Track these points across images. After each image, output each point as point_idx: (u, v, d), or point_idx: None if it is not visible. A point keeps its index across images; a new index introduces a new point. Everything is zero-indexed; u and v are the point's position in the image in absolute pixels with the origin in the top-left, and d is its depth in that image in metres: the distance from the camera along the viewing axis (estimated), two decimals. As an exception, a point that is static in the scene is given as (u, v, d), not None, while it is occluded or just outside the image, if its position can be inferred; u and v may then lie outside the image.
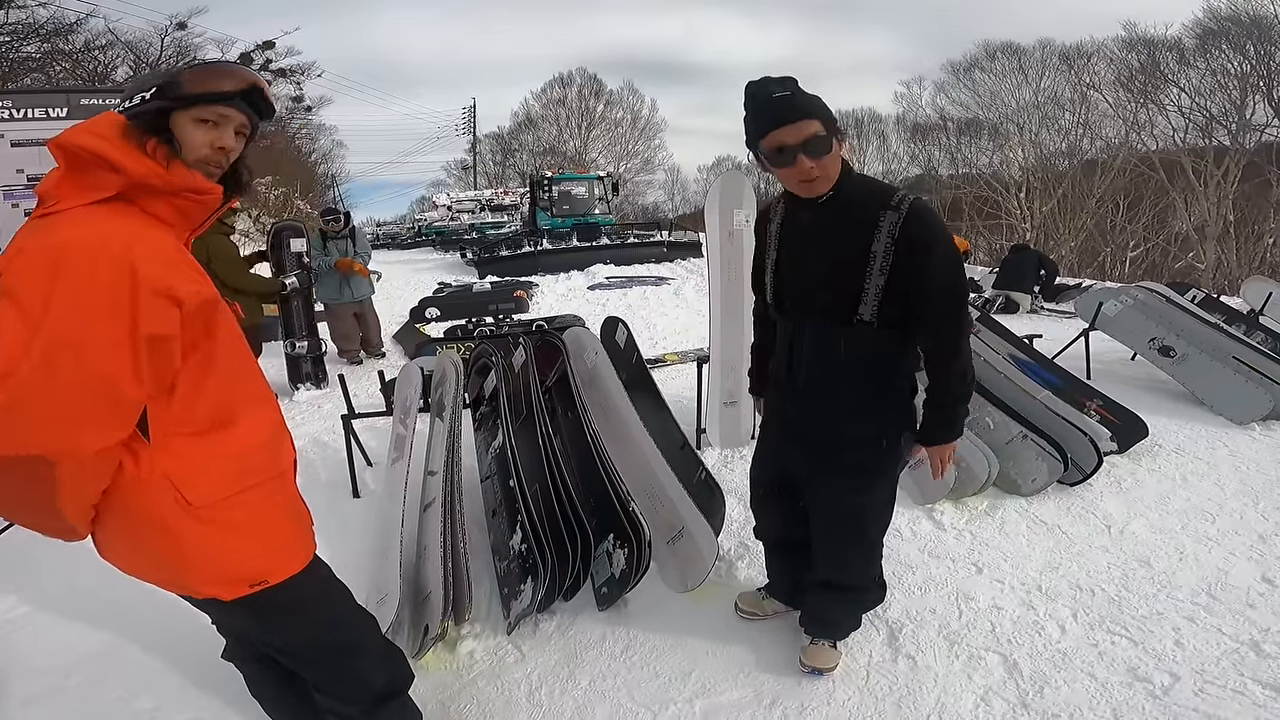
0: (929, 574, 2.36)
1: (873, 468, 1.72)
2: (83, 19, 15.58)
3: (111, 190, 1.01)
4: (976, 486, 2.86)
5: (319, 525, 2.96)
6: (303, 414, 4.52)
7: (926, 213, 1.52)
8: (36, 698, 1.91)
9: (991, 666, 1.90)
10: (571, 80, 33.92)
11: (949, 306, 1.56)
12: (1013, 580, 2.31)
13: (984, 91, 24.11)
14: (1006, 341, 4.14)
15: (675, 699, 1.83)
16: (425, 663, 1.96)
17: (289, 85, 20.74)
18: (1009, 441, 3.07)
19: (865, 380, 1.65)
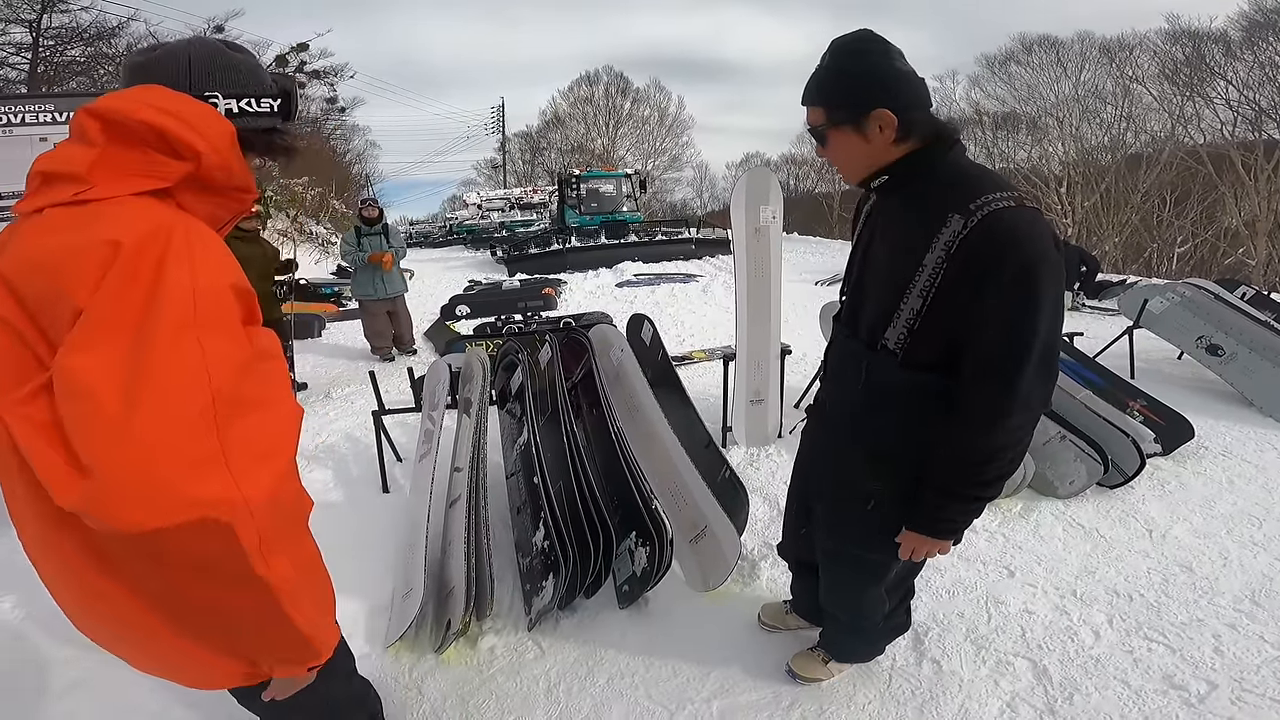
0: (958, 577, 2.31)
1: (871, 539, 1.42)
2: (124, 22, 16.06)
3: (169, 180, 0.82)
4: (1011, 488, 2.79)
5: (349, 519, 3.03)
6: (336, 410, 4.61)
7: (1012, 224, 1.10)
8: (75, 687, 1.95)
9: (1020, 672, 1.86)
10: (598, 78, 33.97)
11: (1001, 360, 1.13)
12: (1046, 584, 2.25)
13: (1020, 85, 23.50)
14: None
15: (693, 699, 1.82)
16: (446, 657, 1.99)
17: (323, 87, 21.16)
18: (1046, 442, 2.99)
19: (873, 424, 1.32)
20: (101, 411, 0.66)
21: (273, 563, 0.76)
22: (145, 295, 0.71)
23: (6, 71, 14.03)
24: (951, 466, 1.23)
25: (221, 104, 0.88)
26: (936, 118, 1.24)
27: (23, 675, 1.95)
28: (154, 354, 0.69)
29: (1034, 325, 1.10)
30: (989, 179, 1.18)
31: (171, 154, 0.81)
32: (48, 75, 14.22)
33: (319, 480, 3.39)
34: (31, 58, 14.60)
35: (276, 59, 19.83)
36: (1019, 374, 1.12)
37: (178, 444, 0.68)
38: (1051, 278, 1.10)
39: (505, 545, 2.50)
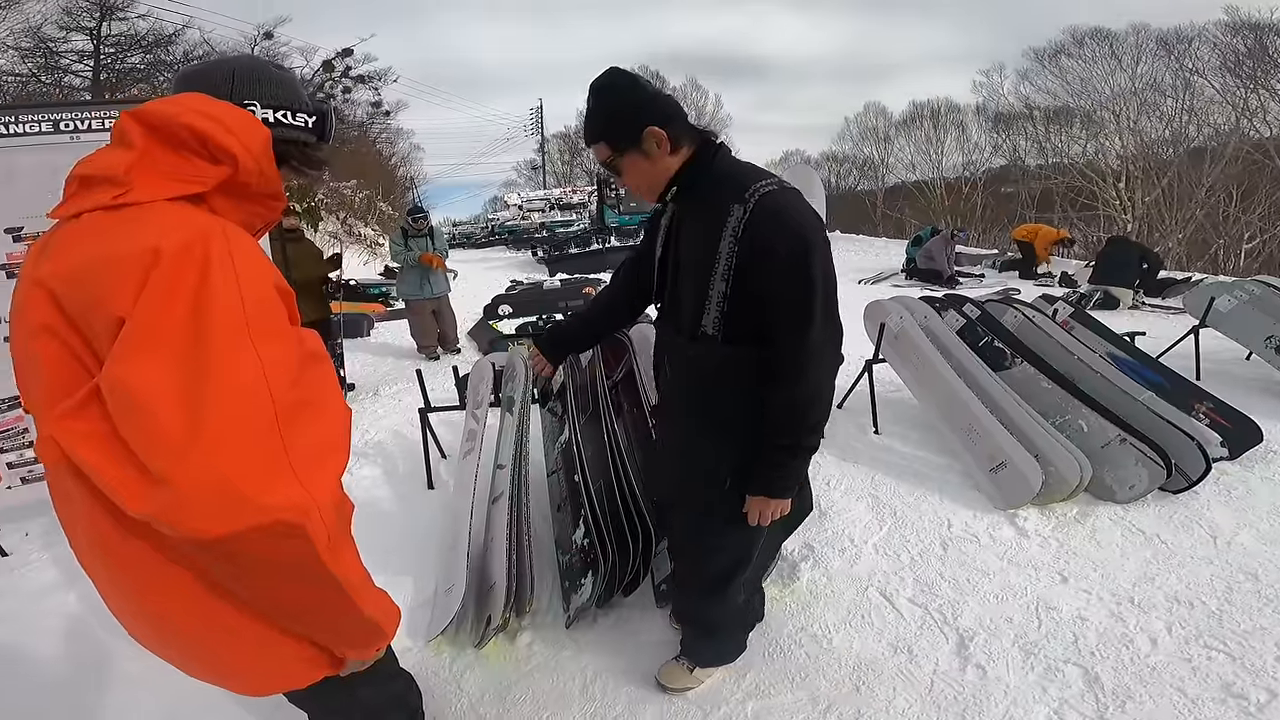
0: (1007, 581, 2.26)
1: (724, 513, 1.51)
2: (179, 30, 16.73)
3: (206, 185, 0.82)
4: (1066, 492, 2.70)
5: (395, 515, 3.10)
6: (384, 408, 4.73)
7: (776, 207, 1.28)
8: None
9: (1070, 679, 1.81)
10: None
11: (786, 333, 1.31)
12: (1101, 590, 2.18)
13: (1073, 78, 22.56)
14: (1104, 339, 3.89)
15: (728, 699, 1.82)
16: (486, 653, 2.02)
17: (368, 91, 21.68)
18: (1105, 445, 2.88)
19: (712, 406, 1.44)
20: (164, 425, 0.67)
21: (341, 557, 0.79)
22: (191, 303, 0.70)
23: (71, 79, 14.74)
24: (778, 424, 1.37)
25: (259, 112, 0.90)
26: (696, 126, 1.41)
27: (84, 668, 2.02)
28: (211, 364, 0.69)
29: (813, 279, 1.28)
30: (754, 171, 1.38)
31: (209, 159, 0.82)
32: (110, 82, 14.88)
33: (367, 476, 3.48)
34: (94, 65, 15.33)
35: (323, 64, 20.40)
36: (808, 329, 1.30)
37: (247, 453, 0.69)
38: (817, 244, 1.29)
39: (545, 542, 2.53)
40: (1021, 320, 3.84)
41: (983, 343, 3.64)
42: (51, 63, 14.70)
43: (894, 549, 2.48)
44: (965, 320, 3.83)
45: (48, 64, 14.58)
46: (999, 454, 2.86)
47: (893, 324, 3.71)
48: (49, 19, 13.96)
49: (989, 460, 2.90)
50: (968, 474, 2.98)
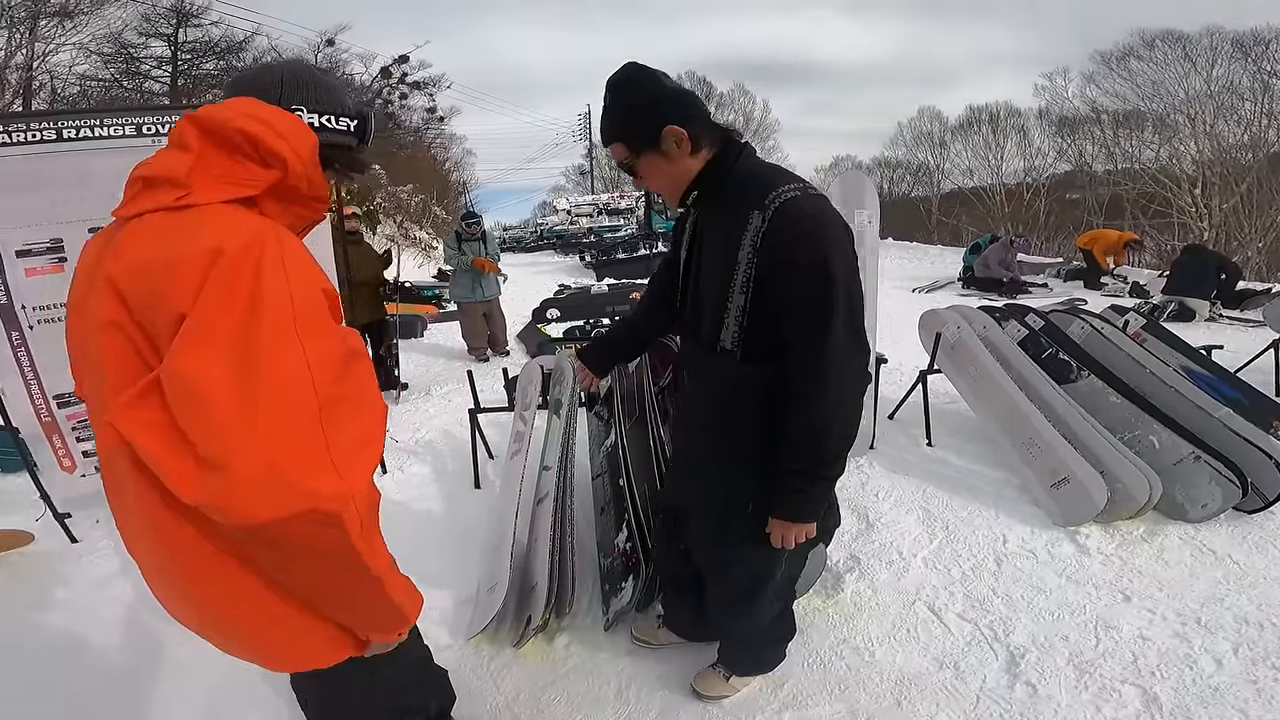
0: (1064, 599, 2.18)
1: (743, 531, 1.44)
2: (249, 37, 17.52)
3: (258, 189, 0.86)
4: (1134, 509, 2.58)
5: (443, 514, 3.16)
6: (436, 407, 4.85)
7: (801, 212, 1.21)
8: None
9: (1126, 699, 1.74)
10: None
11: (810, 332, 1.22)
12: (1166, 610, 2.09)
13: (1143, 81, 21.51)
14: (1178, 352, 3.70)
15: (763, 709, 1.80)
16: (524, 653, 2.03)
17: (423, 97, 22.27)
18: (1178, 463, 2.75)
19: (731, 423, 1.38)
20: (220, 413, 0.71)
21: (372, 545, 0.84)
22: (247, 302, 0.75)
23: (151, 84, 15.58)
24: (795, 447, 1.29)
25: (305, 117, 0.94)
26: (719, 124, 1.34)
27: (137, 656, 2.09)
28: (262, 359, 0.73)
29: (834, 291, 1.20)
30: (779, 174, 1.30)
31: (261, 162, 0.86)
32: (186, 88, 15.64)
33: (417, 474, 3.57)
34: (172, 70, 16.17)
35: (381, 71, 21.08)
36: (826, 343, 1.21)
37: (293, 443, 0.73)
38: (839, 254, 1.21)
39: (588, 544, 2.55)
40: (1089, 332, 3.68)
41: (1046, 354, 3.51)
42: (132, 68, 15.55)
43: (944, 563, 2.41)
44: (1028, 331, 3.70)
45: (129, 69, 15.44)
46: (1061, 469, 2.75)
47: (949, 334, 3.61)
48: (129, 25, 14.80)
49: (1050, 475, 2.79)
50: (1026, 489, 2.87)
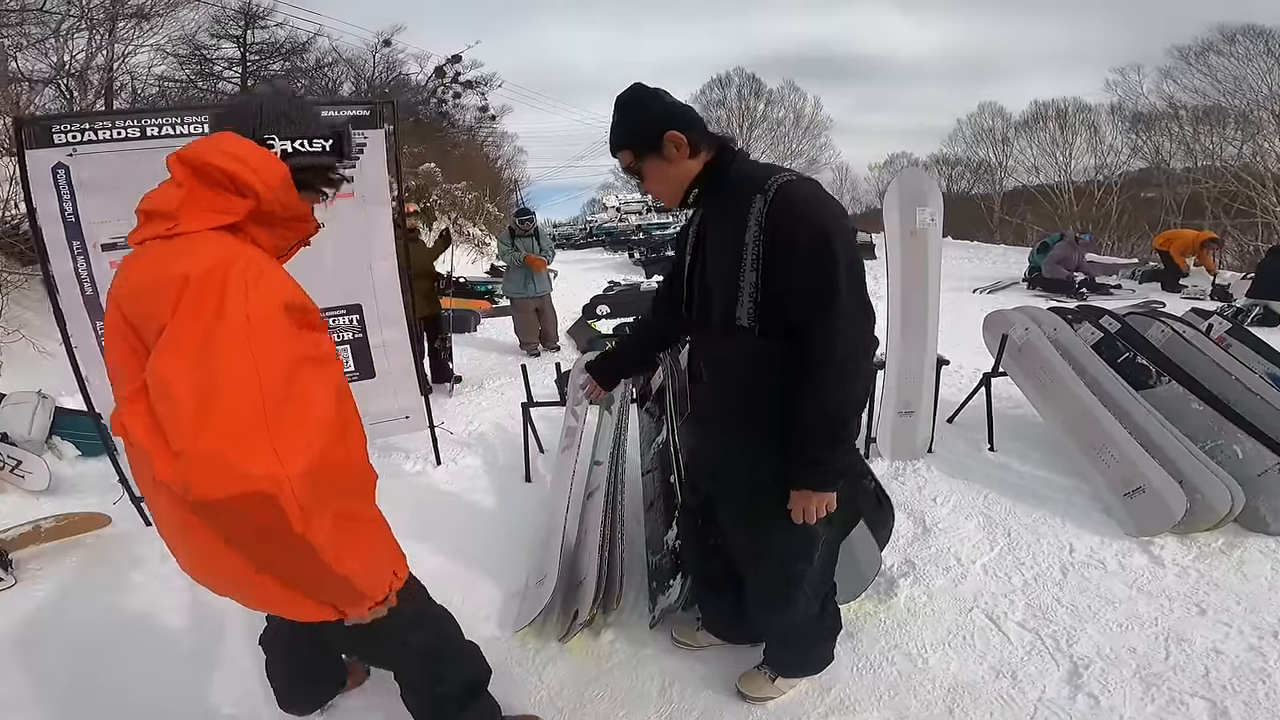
0: (1134, 611, 2.08)
1: (770, 510, 1.47)
2: (311, 38, 18.21)
3: (237, 216, 0.99)
4: (1213, 521, 2.45)
5: (494, 506, 3.20)
6: (488, 400, 4.95)
7: (796, 193, 1.31)
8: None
9: (1194, 712, 1.67)
10: (730, 81, 33.08)
11: (811, 316, 1.30)
12: (1243, 624, 1.98)
13: (1224, 77, 20.29)
14: (1264, 358, 3.47)
15: (809, 712, 1.77)
16: (569, 647, 2.04)
17: (475, 96, 22.69)
18: (1262, 474, 2.59)
19: (756, 404, 1.43)
20: (183, 408, 0.85)
21: (313, 526, 0.93)
22: (210, 317, 0.89)
23: (224, 85, 16.36)
24: (810, 418, 1.35)
25: (279, 145, 1.06)
26: (714, 132, 1.46)
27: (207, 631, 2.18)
28: (218, 365, 0.87)
29: (835, 268, 1.29)
30: (774, 167, 1.42)
31: (238, 193, 0.99)
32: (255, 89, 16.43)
33: (469, 466, 3.65)
34: (241, 71, 16.95)
35: (435, 70, 21.59)
36: (832, 315, 1.30)
37: (238, 434, 0.86)
38: (838, 230, 1.31)
39: (636, 541, 2.55)
40: (1170, 335, 3.47)
41: (1123, 359, 3.33)
42: (205, 69, 16.38)
43: (1005, 571, 2.32)
44: (1103, 334, 3.52)
45: (202, 70, 16.26)
46: (1136, 477, 2.62)
47: (1017, 335, 3.47)
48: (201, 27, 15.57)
49: (1124, 484, 2.66)
50: (1097, 497, 2.75)
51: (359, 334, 3.46)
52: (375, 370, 3.51)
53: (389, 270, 3.45)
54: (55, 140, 2.81)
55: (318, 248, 3.24)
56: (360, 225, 3.33)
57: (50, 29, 9.77)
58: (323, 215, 3.40)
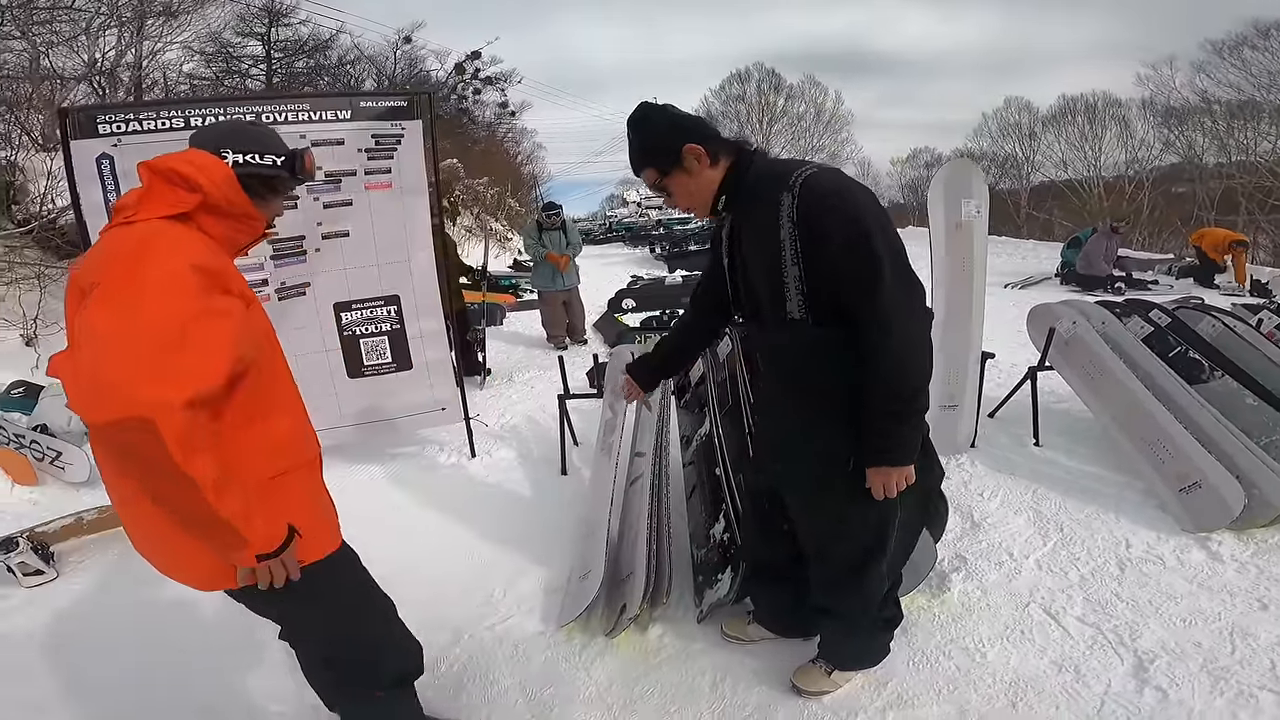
0: (1196, 606, 2.04)
1: (845, 491, 1.49)
2: (334, 35, 18.34)
3: (187, 207, 1.16)
4: (1270, 517, 2.40)
5: (531, 499, 3.19)
6: (519, 394, 4.97)
7: (820, 186, 1.34)
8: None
9: (1264, 705, 1.64)
10: (749, 76, 32.99)
11: (858, 297, 1.33)
12: None
13: (1259, 71, 19.92)
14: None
15: (866, 707, 1.74)
16: (617, 643, 2.02)
17: (495, 92, 22.73)
18: (1322, 469, 2.51)
19: (817, 389, 1.46)
20: (95, 347, 1.01)
21: (195, 460, 1.03)
22: (128, 275, 1.05)
23: (250, 82, 16.56)
24: (877, 393, 1.37)
25: (231, 156, 1.24)
26: (728, 138, 1.51)
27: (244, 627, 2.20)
28: (129, 312, 1.02)
29: (872, 247, 1.32)
30: (793, 162, 1.45)
31: (189, 189, 1.17)
32: (280, 85, 16.57)
33: (504, 458, 3.66)
34: (267, 69, 17.14)
35: (455, 67, 21.66)
36: (880, 288, 1.32)
37: (134, 367, 0.99)
38: (869, 210, 1.35)
39: (680, 535, 2.51)
40: (1221, 330, 3.38)
41: (1174, 353, 3.25)
42: (232, 66, 16.58)
43: (1060, 566, 2.28)
44: (1153, 328, 3.43)
45: (229, 68, 16.46)
46: (1192, 473, 2.56)
47: (1064, 329, 3.40)
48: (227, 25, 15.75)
49: (1178, 480, 2.59)
50: (1151, 492, 2.68)
51: (397, 325, 3.49)
52: (413, 362, 3.54)
53: (427, 261, 3.47)
54: (100, 131, 2.85)
55: (362, 241, 3.32)
56: (398, 216, 3.35)
57: (81, 27, 9.93)
58: (364, 207, 3.40)
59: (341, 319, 3.42)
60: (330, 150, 3.15)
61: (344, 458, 3.60)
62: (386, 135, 3.25)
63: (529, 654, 2.03)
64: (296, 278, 3.30)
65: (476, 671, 1.96)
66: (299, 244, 3.26)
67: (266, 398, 1.25)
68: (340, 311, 3.41)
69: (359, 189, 3.27)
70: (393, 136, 3.27)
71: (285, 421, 1.30)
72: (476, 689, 1.90)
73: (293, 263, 3.27)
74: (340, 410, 3.47)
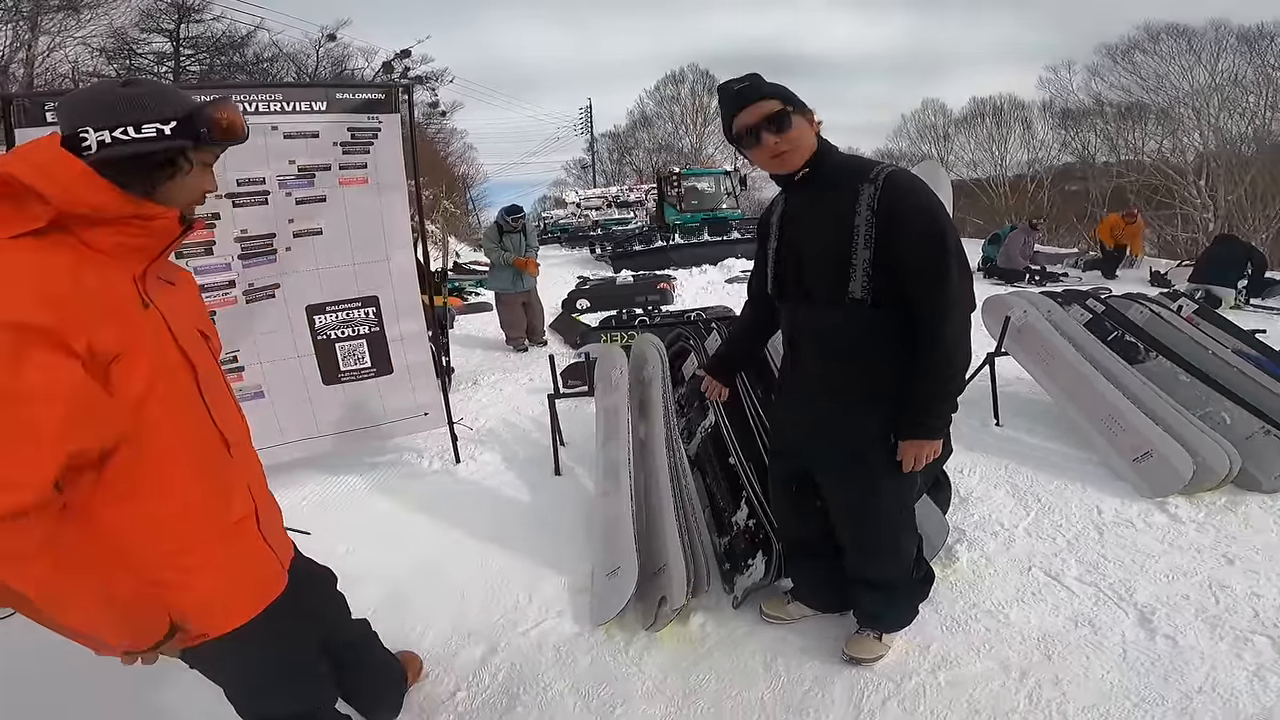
0: (1173, 563, 2.26)
1: (878, 462, 1.62)
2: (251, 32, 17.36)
3: (40, 221, 0.90)
4: (1215, 482, 2.67)
5: (530, 502, 3.13)
6: (487, 397, 4.88)
7: (903, 182, 1.47)
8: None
9: (1261, 648, 1.84)
10: (684, 77, 33.86)
11: (928, 284, 1.46)
12: (1269, 571, 2.18)
13: (1148, 74, 21.93)
14: (1231, 335, 3.78)
15: (917, 670, 1.84)
16: (660, 636, 2.03)
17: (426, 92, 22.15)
18: (1249, 437, 2.84)
19: (865, 367, 1.57)
20: None
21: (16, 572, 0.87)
22: None
23: (153, 80, 15.52)
24: (929, 374, 1.51)
25: (93, 137, 0.94)
26: None
27: None
28: None
29: (945, 242, 1.45)
30: (865, 158, 1.61)
31: (36, 198, 0.89)
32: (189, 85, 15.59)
33: (490, 462, 3.58)
34: (174, 67, 16.08)
35: (384, 65, 20.97)
36: (948, 279, 1.45)
37: None
38: (941, 208, 1.48)
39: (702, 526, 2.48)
40: (1149, 315, 3.76)
41: (1112, 337, 3.58)
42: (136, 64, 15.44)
43: (1047, 533, 2.48)
44: (1091, 314, 3.77)
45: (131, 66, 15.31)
46: (1144, 444, 2.83)
47: (1017, 318, 3.68)
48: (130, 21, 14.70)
49: (1132, 451, 2.86)
50: (1108, 464, 2.95)
51: (376, 327, 3.37)
52: (393, 365, 3.42)
53: (406, 260, 3.37)
54: (49, 119, 2.63)
55: (336, 239, 3.19)
56: (375, 213, 3.24)
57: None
58: (338, 203, 3.27)
59: (315, 322, 3.27)
60: (304, 143, 3.02)
61: (320, 469, 3.47)
62: (363, 129, 3.14)
63: (574, 655, 2.02)
64: (266, 278, 3.13)
65: (525, 679, 1.94)
66: (269, 242, 3.10)
67: (149, 475, 1.01)
68: (314, 314, 3.26)
69: (333, 184, 3.14)
70: (369, 130, 3.17)
71: (174, 500, 1.05)
72: (529, 696, 1.87)
73: (261, 262, 3.10)
74: (316, 419, 3.32)
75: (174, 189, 1.01)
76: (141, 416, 0.98)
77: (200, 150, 1.01)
